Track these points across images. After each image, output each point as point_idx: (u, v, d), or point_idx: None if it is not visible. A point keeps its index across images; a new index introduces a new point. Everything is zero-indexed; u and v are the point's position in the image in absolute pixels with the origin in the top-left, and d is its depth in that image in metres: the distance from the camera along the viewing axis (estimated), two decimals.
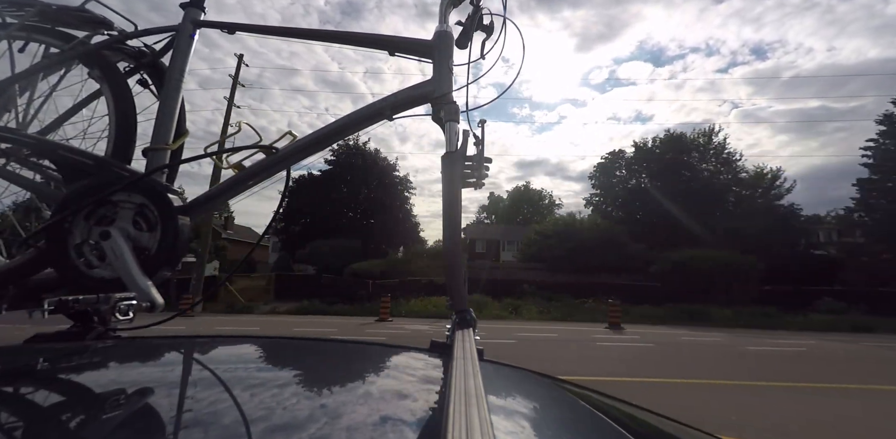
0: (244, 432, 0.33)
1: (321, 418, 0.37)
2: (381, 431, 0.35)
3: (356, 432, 0.33)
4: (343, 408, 0.40)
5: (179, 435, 0.32)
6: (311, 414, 0.38)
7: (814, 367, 6.11)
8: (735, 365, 6.22)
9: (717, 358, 6.69)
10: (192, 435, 0.32)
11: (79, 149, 1.12)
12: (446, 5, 1.14)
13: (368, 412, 0.39)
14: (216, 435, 0.32)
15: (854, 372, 5.72)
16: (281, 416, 0.36)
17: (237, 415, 0.36)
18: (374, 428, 0.35)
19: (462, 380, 0.36)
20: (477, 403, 0.30)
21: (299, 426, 0.34)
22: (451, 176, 0.89)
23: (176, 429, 0.33)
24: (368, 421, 0.37)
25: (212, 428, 0.33)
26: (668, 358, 6.62)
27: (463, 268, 0.85)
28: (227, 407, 0.39)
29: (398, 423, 0.37)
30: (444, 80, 1.03)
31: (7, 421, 0.35)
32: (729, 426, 3.29)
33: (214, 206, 1.14)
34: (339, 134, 1.09)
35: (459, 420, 0.27)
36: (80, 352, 0.63)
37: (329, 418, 0.37)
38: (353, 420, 0.36)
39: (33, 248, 1.07)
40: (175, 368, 0.59)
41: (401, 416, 0.39)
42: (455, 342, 0.59)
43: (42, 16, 1.25)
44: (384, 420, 0.38)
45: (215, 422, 0.34)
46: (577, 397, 0.60)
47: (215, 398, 0.42)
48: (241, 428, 0.33)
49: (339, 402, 0.42)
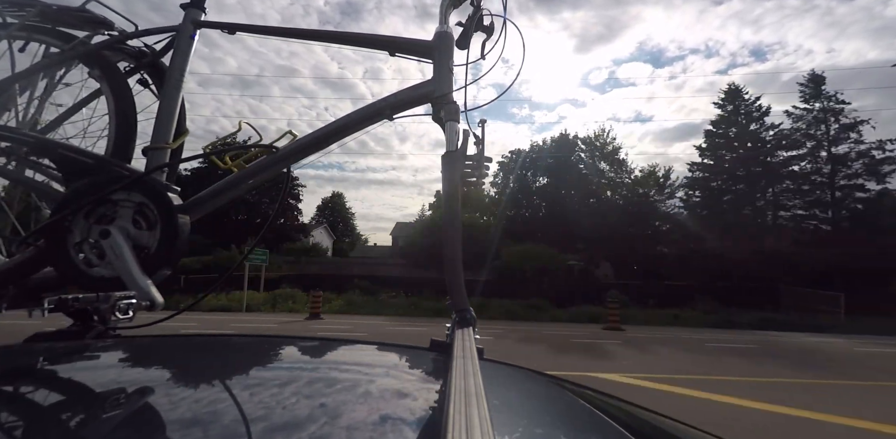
0: (244, 431, 0.33)
1: (321, 417, 0.37)
2: (381, 430, 0.35)
3: (356, 431, 0.33)
4: (343, 408, 0.40)
5: (180, 435, 0.32)
6: (311, 413, 0.38)
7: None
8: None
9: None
10: (192, 435, 0.32)
11: (79, 148, 1.13)
12: (446, 6, 1.14)
13: (368, 411, 0.39)
14: (216, 435, 0.32)
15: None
16: (281, 415, 0.36)
17: (237, 415, 0.36)
18: (373, 427, 0.35)
19: (462, 379, 0.36)
20: (477, 402, 0.30)
21: (299, 425, 0.34)
22: (451, 175, 0.89)
23: (176, 429, 0.33)
24: (368, 420, 0.37)
25: (212, 427, 0.33)
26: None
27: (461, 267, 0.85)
28: (226, 406, 0.39)
29: (398, 422, 0.37)
30: (445, 81, 1.03)
31: (7, 420, 0.35)
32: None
33: (214, 205, 1.14)
34: (339, 133, 1.09)
35: (459, 419, 0.27)
36: (80, 351, 0.63)
37: (329, 417, 0.37)
38: (352, 419, 0.36)
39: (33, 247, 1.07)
40: (175, 367, 0.59)
41: (401, 415, 0.39)
42: (455, 341, 0.59)
43: (42, 16, 1.25)
44: (384, 419, 0.38)
45: (215, 422, 0.34)
46: (576, 396, 0.60)
47: (215, 397, 0.42)
48: (241, 428, 0.33)
49: (339, 401, 0.42)
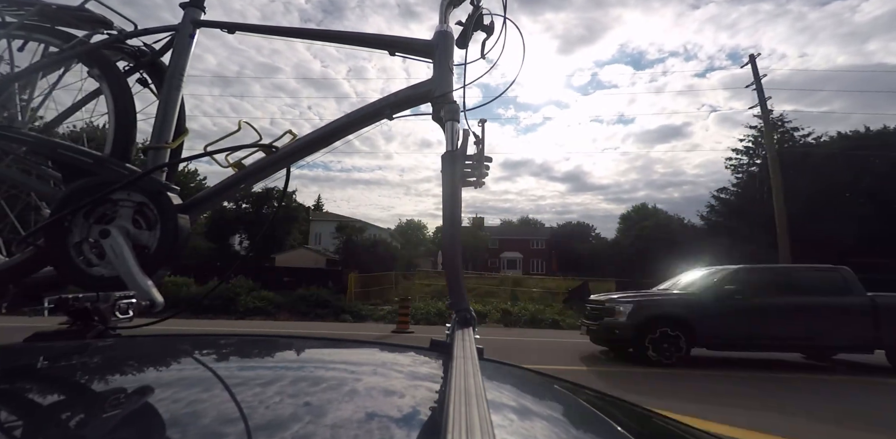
0: (244, 431, 0.33)
1: (322, 417, 0.37)
2: (382, 430, 0.35)
3: (357, 431, 0.34)
4: (344, 407, 0.40)
5: (179, 434, 0.32)
6: (312, 412, 0.38)
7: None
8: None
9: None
10: (192, 434, 0.32)
11: (78, 148, 1.12)
12: (446, 5, 1.14)
13: (369, 411, 0.39)
14: (216, 434, 0.32)
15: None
16: (281, 415, 0.36)
17: (237, 414, 0.36)
18: (374, 427, 0.35)
19: (462, 379, 0.36)
20: (477, 402, 0.30)
21: (299, 425, 0.34)
22: (451, 175, 0.89)
23: (176, 428, 0.33)
24: (369, 420, 0.37)
25: (212, 426, 0.33)
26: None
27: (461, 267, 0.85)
28: (227, 405, 0.39)
29: (398, 422, 0.37)
30: (445, 80, 1.03)
31: (7, 420, 0.35)
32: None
33: (214, 205, 1.14)
34: (339, 133, 1.09)
35: (460, 419, 0.27)
36: (80, 351, 0.62)
37: (330, 417, 0.37)
38: (353, 419, 0.36)
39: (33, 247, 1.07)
40: (175, 367, 0.59)
41: (401, 415, 0.39)
42: (455, 341, 0.59)
43: (42, 15, 1.24)
44: (384, 419, 0.38)
45: (215, 421, 0.34)
46: (576, 396, 0.60)
47: (215, 397, 0.42)
48: (241, 427, 0.33)
49: (339, 401, 0.42)
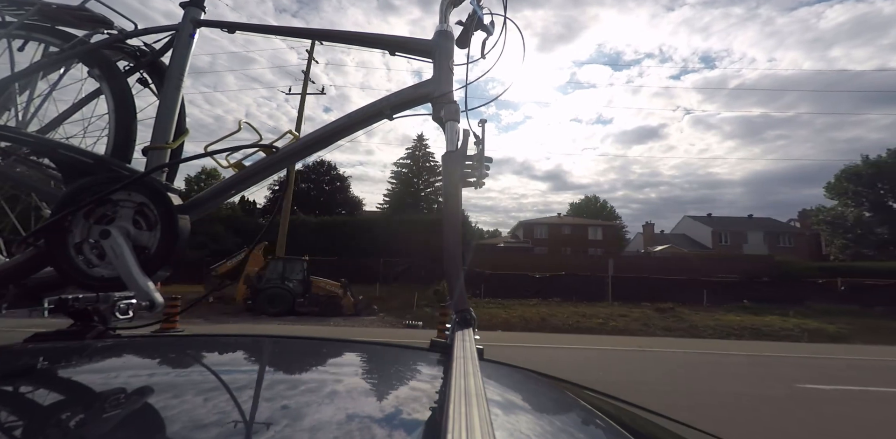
0: (244, 430, 0.33)
1: (322, 416, 0.37)
2: (382, 430, 0.35)
3: (358, 430, 0.34)
4: (345, 407, 0.40)
5: (179, 434, 0.32)
6: (313, 412, 0.38)
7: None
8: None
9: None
10: (192, 434, 0.32)
11: (78, 148, 1.12)
12: (446, 5, 1.13)
13: (369, 410, 0.39)
14: (216, 434, 0.32)
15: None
16: (282, 414, 0.36)
17: (237, 414, 0.36)
18: (375, 426, 0.35)
19: (462, 380, 0.36)
20: (477, 402, 0.30)
21: (300, 424, 0.34)
22: (451, 175, 0.89)
23: (175, 428, 0.33)
24: (370, 419, 0.37)
25: (212, 426, 0.33)
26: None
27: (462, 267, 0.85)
28: (227, 405, 0.39)
29: (399, 422, 0.37)
30: (445, 80, 1.03)
31: (7, 420, 0.35)
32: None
33: (214, 205, 1.14)
34: (339, 133, 1.09)
35: (460, 419, 0.27)
36: (80, 351, 0.62)
37: (331, 416, 0.37)
38: (354, 418, 0.36)
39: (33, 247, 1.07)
40: (175, 367, 0.59)
41: (402, 415, 0.39)
42: (455, 341, 0.59)
43: (42, 14, 1.24)
44: (385, 418, 0.38)
45: (215, 421, 0.34)
46: (576, 396, 0.60)
47: (215, 396, 0.42)
48: (241, 427, 0.33)
49: (340, 401, 0.42)
